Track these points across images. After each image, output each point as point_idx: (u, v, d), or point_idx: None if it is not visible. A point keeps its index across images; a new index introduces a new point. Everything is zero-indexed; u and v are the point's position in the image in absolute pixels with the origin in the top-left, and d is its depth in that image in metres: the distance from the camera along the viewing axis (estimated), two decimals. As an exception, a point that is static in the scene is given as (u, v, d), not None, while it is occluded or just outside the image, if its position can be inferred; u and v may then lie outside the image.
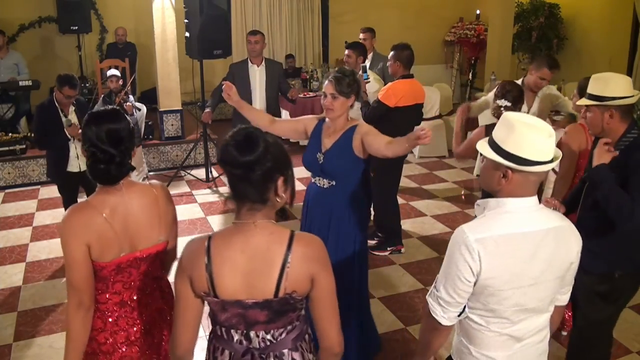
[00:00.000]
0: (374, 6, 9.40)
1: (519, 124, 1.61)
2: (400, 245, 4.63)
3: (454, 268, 1.64)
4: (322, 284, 1.59)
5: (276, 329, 1.63)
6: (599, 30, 8.62)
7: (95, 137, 1.81)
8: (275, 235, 1.58)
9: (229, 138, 1.56)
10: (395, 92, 4.24)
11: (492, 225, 1.64)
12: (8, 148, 6.16)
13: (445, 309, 1.69)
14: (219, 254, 1.57)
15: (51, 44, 8.13)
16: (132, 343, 1.97)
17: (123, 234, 1.87)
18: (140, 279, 1.96)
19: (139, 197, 1.92)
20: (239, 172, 1.53)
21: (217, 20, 5.68)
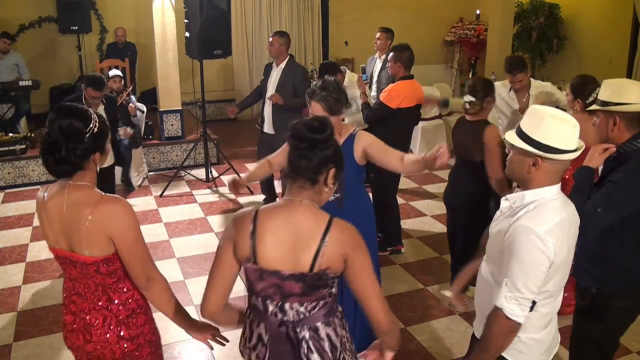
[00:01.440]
0: (374, 6, 9.40)
1: (548, 115, 1.76)
2: (400, 245, 4.63)
3: (533, 264, 1.71)
4: (356, 264, 1.69)
5: (309, 302, 1.71)
6: (599, 30, 8.62)
7: (49, 126, 1.85)
8: (317, 216, 1.70)
9: (304, 120, 1.72)
10: (398, 94, 4.23)
11: (548, 215, 1.76)
12: (8, 148, 6.16)
13: (524, 307, 1.75)
14: (263, 223, 1.69)
15: (51, 44, 8.14)
16: (75, 330, 1.98)
17: (57, 229, 1.88)
18: (82, 277, 1.92)
19: (75, 204, 1.85)
20: (303, 146, 1.67)
21: (217, 20, 5.68)
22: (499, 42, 8.36)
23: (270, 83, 5.06)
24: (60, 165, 1.83)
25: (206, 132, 6.24)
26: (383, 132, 4.33)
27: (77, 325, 1.97)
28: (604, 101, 2.32)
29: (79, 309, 1.97)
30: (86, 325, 1.95)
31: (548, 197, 1.79)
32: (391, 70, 4.40)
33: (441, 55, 10.34)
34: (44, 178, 6.32)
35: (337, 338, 1.77)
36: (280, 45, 4.97)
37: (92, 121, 1.87)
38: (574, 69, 8.87)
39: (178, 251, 4.64)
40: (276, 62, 5.07)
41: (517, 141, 1.79)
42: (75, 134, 1.81)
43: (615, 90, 2.31)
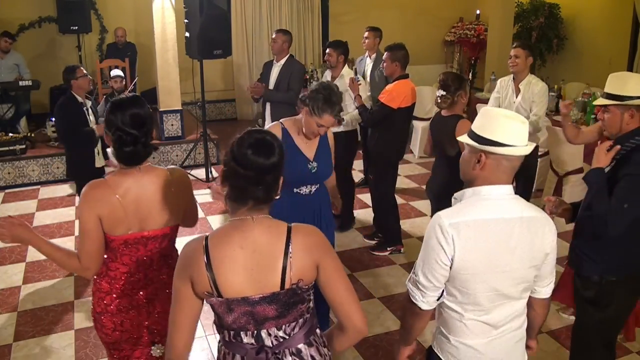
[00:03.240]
0: (374, 6, 9.40)
1: (495, 113, 1.75)
2: (400, 245, 4.63)
3: (430, 252, 1.70)
4: (328, 268, 1.61)
5: (287, 324, 1.61)
6: (599, 30, 8.61)
7: (120, 121, 1.98)
8: (273, 229, 1.60)
9: (244, 140, 1.57)
10: (399, 94, 4.22)
11: (468, 210, 1.71)
12: (8, 148, 6.16)
13: (424, 293, 1.74)
14: (217, 251, 1.56)
15: (51, 44, 8.13)
16: (134, 307, 2.14)
17: (133, 214, 2.02)
18: (147, 255, 2.12)
19: (153, 181, 2.06)
20: (252, 175, 1.54)
21: (217, 20, 5.68)
22: (499, 42, 8.35)
23: (270, 79, 5.07)
24: (144, 150, 2.03)
25: (206, 132, 6.24)
26: (384, 132, 4.36)
27: (137, 305, 2.14)
28: (618, 95, 2.30)
29: (137, 288, 2.14)
30: (148, 299, 2.15)
31: (486, 194, 1.71)
32: (388, 70, 4.38)
33: (441, 55, 10.33)
34: (44, 178, 6.33)
35: (321, 358, 1.68)
36: (283, 42, 5.00)
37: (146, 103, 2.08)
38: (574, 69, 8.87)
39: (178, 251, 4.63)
40: (276, 59, 5.08)
41: (465, 138, 1.77)
42: (148, 118, 2.04)
43: (626, 83, 2.30)
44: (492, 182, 1.72)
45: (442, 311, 1.82)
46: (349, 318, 1.64)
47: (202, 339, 3.47)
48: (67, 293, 4.01)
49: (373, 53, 5.54)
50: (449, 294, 1.76)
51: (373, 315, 3.68)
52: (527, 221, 1.71)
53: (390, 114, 4.22)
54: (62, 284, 4.14)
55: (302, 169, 2.86)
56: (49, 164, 6.34)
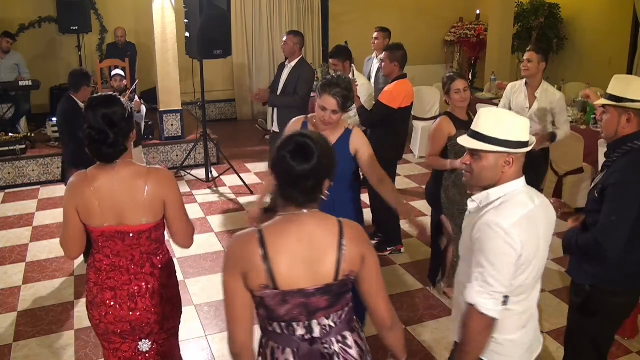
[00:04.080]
0: (374, 6, 9.40)
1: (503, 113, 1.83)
2: (400, 245, 4.63)
3: (501, 257, 1.72)
4: (370, 263, 1.68)
5: (335, 313, 1.68)
6: (599, 30, 8.61)
7: (92, 120, 2.03)
8: (327, 222, 1.65)
9: (285, 144, 1.61)
10: (399, 94, 4.22)
11: (513, 209, 1.77)
12: (8, 148, 6.16)
13: (497, 301, 1.74)
14: (274, 244, 1.59)
15: (51, 44, 8.14)
16: (117, 302, 2.16)
17: (107, 207, 2.06)
18: (127, 250, 2.14)
19: (129, 179, 2.09)
20: (291, 179, 1.59)
21: (217, 20, 5.68)
22: (499, 42, 8.36)
23: (281, 81, 5.07)
24: (112, 150, 2.05)
25: (206, 132, 6.24)
26: (384, 133, 4.35)
27: (119, 299, 2.15)
28: (617, 96, 2.28)
29: (120, 283, 2.15)
30: (130, 295, 2.15)
31: (513, 191, 1.81)
32: (386, 70, 4.36)
33: (441, 55, 10.34)
34: (44, 178, 6.33)
35: (362, 342, 1.76)
36: (295, 44, 4.99)
37: (125, 104, 2.11)
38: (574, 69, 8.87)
39: (178, 251, 4.64)
40: (288, 61, 5.09)
41: (486, 146, 1.78)
42: (119, 119, 2.05)
43: (629, 86, 2.27)
44: (515, 177, 1.83)
45: None
46: (376, 312, 1.72)
47: (202, 338, 3.47)
48: (67, 293, 4.01)
49: (381, 54, 5.53)
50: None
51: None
52: (541, 206, 1.85)
53: (391, 114, 4.22)
54: (62, 284, 4.14)
55: None
56: (49, 164, 6.34)
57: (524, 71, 4.20)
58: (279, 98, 4.98)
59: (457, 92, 3.46)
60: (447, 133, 3.46)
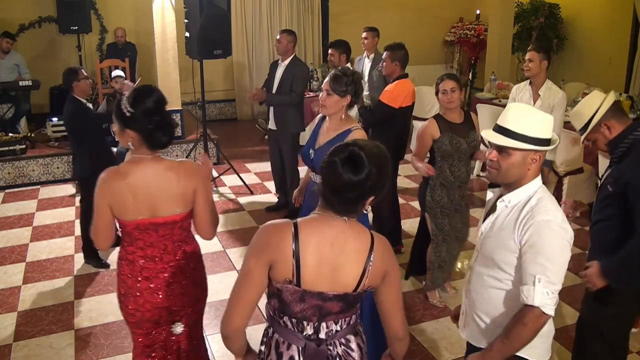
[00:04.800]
0: (374, 6, 9.40)
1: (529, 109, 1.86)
2: (400, 245, 4.63)
3: (562, 254, 1.76)
4: (392, 279, 1.68)
5: (344, 319, 1.69)
6: (599, 30, 8.61)
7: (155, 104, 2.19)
8: (362, 235, 1.64)
9: (338, 150, 1.57)
10: (400, 94, 4.22)
11: (554, 204, 1.82)
12: (8, 148, 6.16)
13: (555, 298, 1.78)
14: (308, 242, 1.58)
15: (51, 44, 8.13)
16: (154, 291, 2.24)
17: (142, 200, 2.14)
18: (160, 240, 2.22)
19: (162, 171, 2.18)
20: (336, 187, 1.57)
21: (217, 20, 5.68)
22: (499, 42, 8.35)
23: (275, 79, 5.08)
24: (170, 136, 2.23)
25: (206, 132, 6.23)
26: (385, 133, 4.35)
27: (156, 286, 2.24)
28: (584, 125, 2.46)
29: (155, 272, 2.24)
30: (166, 282, 2.25)
31: (539, 187, 1.85)
32: (387, 69, 4.35)
33: (441, 55, 10.34)
34: (44, 178, 6.33)
35: (364, 345, 1.78)
36: (288, 42, 5.02)
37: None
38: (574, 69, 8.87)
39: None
40: (282, 59, 5.11)
41: (516, 144, 1.79)
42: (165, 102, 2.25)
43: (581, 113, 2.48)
44: (536, 175, 1.86)
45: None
46: (391, 326, 1.73)
47: (202, 339, 3.47)
48: (67, 293, 4.01)
49: (371, 53, 5.55)
50: None
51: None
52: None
53: (392, 113, 4.21)
54: (62, 284, 4.14)
55: (307, 150, 2.96)
56: (49, 164, 6.34)
57: (527, 71, 4.21)
58: (275, 97, 5.00)
59: (443, 93, 3.45)
60: (431, 136, 3.48)
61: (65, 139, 6.70)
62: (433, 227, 3.64)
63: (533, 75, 4.19)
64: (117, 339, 3.45)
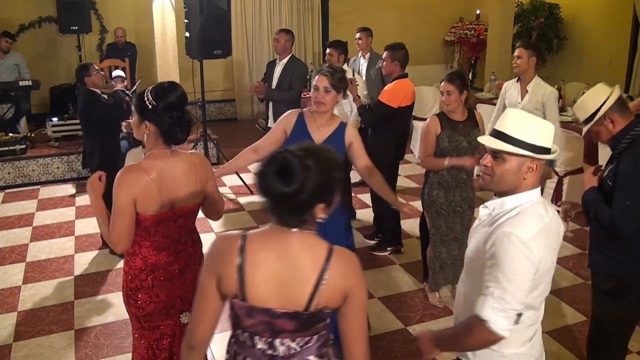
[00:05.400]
0: (374, 6, 9.41)
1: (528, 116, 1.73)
2: (400, 245, 4.63)
3: (521, 272, 1.63)
4: (355, 301, 1.54)
5: (302, 338, 1.58)
6: (599, 30, 8.62)
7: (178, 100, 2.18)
8: (315, 250, 1.53)
9: (268, 162, 1.49)
10: (399, 93, 4.22)
11: (531, 222, 1.68)
12: (8, 148, 6.16)
13: (511, 319, 1.64)
14: (253, 256, 1.51)
15: (51, 44, 8.13)
16: (167, 280, 2.31)
17: (166, 193, 2.19)
18: (176, 230, 2.31)
19: (181, 163, 2.24)
20: (271, 199, 1.49)
21: (217, 20, 5.68)
22: (499, 42, 8.35)
23: (273, 78, 5.09)
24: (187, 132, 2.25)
25: (206, 132, 6.24)
26: (384, 132, 4.36)
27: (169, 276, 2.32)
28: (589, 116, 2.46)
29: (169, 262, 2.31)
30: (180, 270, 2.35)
31: (529, 201, 1.72)
32: (387, 69, 4.35)
33: (441, 55, 10.34)
34: (44, 178, 6.33)
35: None
36: (286, 41, 5.05)
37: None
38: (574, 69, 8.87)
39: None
40: (279, 58, 5.12)
41: (511, 148, 1.69)
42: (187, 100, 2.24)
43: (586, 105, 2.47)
44: (535, 185, 1.75)
45: None
46: (350, 352, 1.58)
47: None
48: (67, 293, 4.01)
49: (367, 53, 5.56)
50: None
51: (373, 316, 3.68)
52: (554, 218, 1.77)
53: (391, 113, 4.21)
54: (62, 284, 4.14)
55: None
56: (49, 164, 6.34)
57: (515, 68, 4.28)
58: (275, 92, 5.01)
59: (441, 94, 3.49)
60: (434, 132, 3.46)
61: (65, 139, 6.73)
62: (430, 227, 3.64)
63: (521, 72, 4.24)
64: (117, 339, 3.45)
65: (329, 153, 1.55)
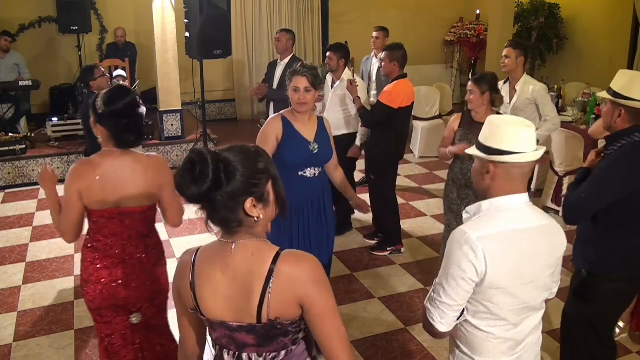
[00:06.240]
0: (374, 6, 9.40)
1: (500, 121, 1.73)
2: (400, 245, 4.63)
3: (456, 270, 1.62)
4: (317, 307, 1.42)
5: (268, 353, 1.51)
6: (599, 30, 8.61)
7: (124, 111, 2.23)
8: (257, 257, 1.44)
9: (181, 169, 1.38)
10: (399, 94, 4.22)
11: (491, 223, 1.66)
12: (8, 148, 6.16)
13: (444, 313, 1.66)
14: (201, 272, 1.49)
15: (51, 44, 8.13)
16: (113, 280, 2.33)
17: (110, 190, 2.24)
18: (125, 230, 2.32)
19: (131, 163, 2.27)
20: (199, 202, 1.41)
21: (217, 20, 5.68)
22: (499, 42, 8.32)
23: (275, 78, 5.09)
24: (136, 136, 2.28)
25: (206, 132, 6.24)
26: (384, 133, 4.35)
27: (114, 277, 2.33)
28: (615, 92, 2.35)
29: (116, 262, 2.33)
30: (124, 274, 2.34)
31: (504, 206, 1.68)
32: (386, 69, 4.36)
33: (441, 55, 10.33)
34: (44, 178, 6.32)
35: None
36: (287, 41, 5.06)
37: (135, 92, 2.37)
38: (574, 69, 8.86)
39: (178, 251, 4.64)
40: (281, 58, 5.13)
41: (473, 150, 1.76)
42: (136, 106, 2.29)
43: (627, 83, 2.33)
44: (507, 191, 1.69)
45: (464, 331, 1.74)
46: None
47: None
48: (67, 293, 4.01)
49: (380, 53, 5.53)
50: (475, 312, 1.69)
51: (373, 315, 3.68)
52: (544, 229, 1.71)
53: (391, 114, 4.21)
54: (62, 284, 4.14)
55: (304, 151, 2.97)
56: (49, 164, 6.34)
57: (503, 67, 4.35)
58: (278, 92, 5.00)
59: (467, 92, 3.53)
60: (453, 127, 3.58)
61: (65, 139, 6.72)
62: (444, 221, 3.75)
63: (509, 71, 4.31)
64: (117, 339, 3.46)
65: (250, 146, 1.47)
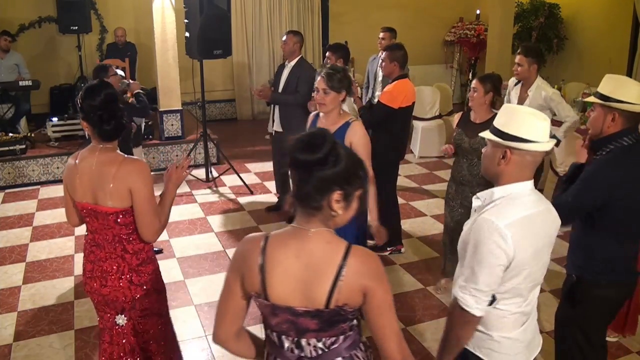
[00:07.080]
0: (374, 6, 9.41)
1: (518, 109, 1.82)
2: (400, 245, 4.63)
3: (488, 257, 1.71)
4: (377, 299, 1.54)
5: (328, 338, 1.59)
6: (599, 30, 8.62)
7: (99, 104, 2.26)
8: (332, 245, 1.54)
9: (297, 137, 1.54)
10: (399, 94, 4.22)
11: (511, 210, 1.75)
12: (8, 148, 6.16)
13: (479, 299, 1.74)
14: (273, 256, 1.54)
15: (51, 44, 8.14)
16: (94, 276, 2.39)
17: (85, 185, 2.31)
18: (102, 229, 2.35)
19: (103, 164, 2.30)
20: (298, 169, 1.52)
21: (217, 20, 5.68)
22: (499, 42, 8.36)
23: (280, 81, 5.07)
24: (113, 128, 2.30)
25: (206, 132, 6.24)
26: (385, 133, 4.35)
27: (95, 272, 2.38)
28: (605, 95, 2.34)
29: (97, 258, 2.38)
30: (103, 272, 2.37)
31: (518, 192, 1.79)
32: (386, 70, 4.36)
33: (441, 55, 10.34)
34: (44, 178, 6.33)
35: None
36: (294, 43, 5.01)
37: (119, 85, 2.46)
38: (574, 69, 8.87)
39: (178, 251, 4.64)
40: (288, 60, 5.10)
41: (488, 134, 1.84)
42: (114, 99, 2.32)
43: (617, 87, 2.33)
44: (516, 178, 1.79)
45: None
46: (384, 352, 1.58)
47: (202, 338, 3.47)
48: (67, 293, 4.01)
49: None
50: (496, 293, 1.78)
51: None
52: (546, 211, 1.84)
53: (392, 114, 4.22)
54: (62, 284, 4.14)
55: None
56: (49, 164, 6.34)
57: (515, 75, 4.34)
58: (280, 96, 4.99)
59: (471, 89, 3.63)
60: (454, 125, 3.74)
61: (65, 139, 6.72)
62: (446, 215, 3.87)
63: (523, 79, 4.32)
64: (117, 339, 3.46)
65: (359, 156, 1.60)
